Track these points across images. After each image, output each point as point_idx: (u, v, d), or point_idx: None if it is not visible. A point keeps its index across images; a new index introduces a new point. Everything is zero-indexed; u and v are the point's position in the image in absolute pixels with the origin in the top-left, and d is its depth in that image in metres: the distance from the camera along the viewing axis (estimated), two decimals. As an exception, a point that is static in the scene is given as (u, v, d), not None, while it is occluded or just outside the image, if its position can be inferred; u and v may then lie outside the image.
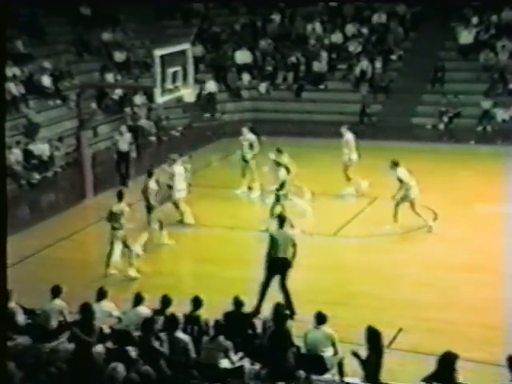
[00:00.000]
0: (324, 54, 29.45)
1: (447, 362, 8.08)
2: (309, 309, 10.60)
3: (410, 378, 9.54)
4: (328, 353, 9.61)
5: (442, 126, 26.30)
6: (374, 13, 30.32)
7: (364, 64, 28.61)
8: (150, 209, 15.70)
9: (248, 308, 10.39)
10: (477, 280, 13.83)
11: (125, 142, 21.22)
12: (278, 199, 16.67)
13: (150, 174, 16.00)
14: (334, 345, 9.64)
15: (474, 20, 28.59)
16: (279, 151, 17.68)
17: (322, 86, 29.07)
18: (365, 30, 29.92)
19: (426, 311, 12.63)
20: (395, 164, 16.55)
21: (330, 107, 27.98)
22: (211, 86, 28.69)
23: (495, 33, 28.15)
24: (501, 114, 25.84)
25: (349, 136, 19.50)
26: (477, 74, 27.60)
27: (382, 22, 30.07)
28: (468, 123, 26.15)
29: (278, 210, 16.29)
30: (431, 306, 12.87)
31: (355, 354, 8.99)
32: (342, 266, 14.83)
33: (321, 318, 9.77)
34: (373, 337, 8.98)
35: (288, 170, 17.01)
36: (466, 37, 28.25)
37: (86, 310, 10.00)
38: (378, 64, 28.56)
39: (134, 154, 22.60)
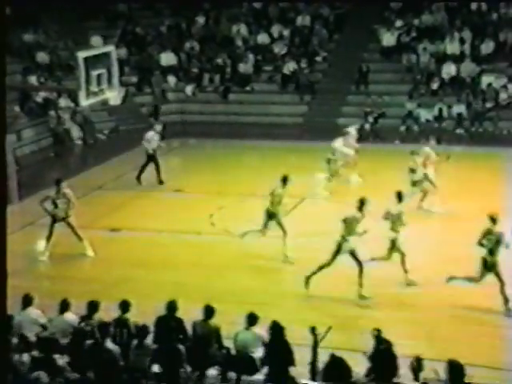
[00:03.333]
0: (250, 56, 29.56)
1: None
2: (240, 310, 10.60)
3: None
4: (258, 353, 9.63)
5: (367, 126, 26.70)
6: (298, 14, 30.59)
7: (289, 65, 28.83)
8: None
9: (181, 312, 10.32)
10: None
11: (154, 142, 20.54)
12: None
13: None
14: (264, 345, 9.66)
15: (398, 23, 29.17)
16: None
17: (248, 88, 29.17)
18: (289, 32, 30.16)
19: (356, 309, 12.78)
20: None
21: (256, 109, 28.12)
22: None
23: (416, 35, 28.77)
24: (424, 115, 26.41)
25: None
26: (400, 75, 28.17)
27: (306, 23, 30.36)
28: (393, 123, 26.64)
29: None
30: (361, 303, 13.03)
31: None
32: (273, 266, 14.89)
33: (252, 319, 9.78)
34: (276, 332, 9.11)
35: None
36: (388, 39, 28.79)
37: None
38: (303, 65, 28.81)
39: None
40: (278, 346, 9.19)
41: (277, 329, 9.26)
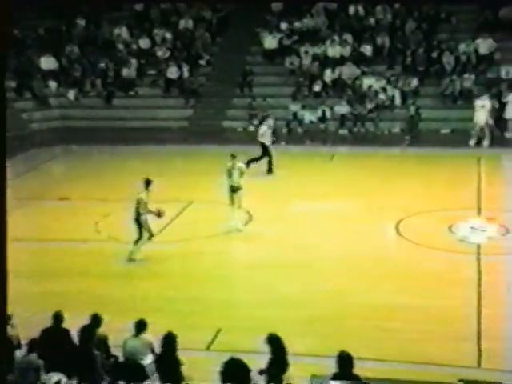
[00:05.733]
0: (133, 60, 29.22)
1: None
2: (129, 317, 10.42)
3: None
4: (147, 360, 9.50)
5: (252, 129, 26.90)
6: (180, 18, 30.50)
7: (173, 69, 28.69)
8: None
9: (67, 323, 10.02)
10: (292, 275, 14.22)
11: (268, 136, 21.52)
12: None
13: None
14: (153, 352, 9.54)
15: (279, 26, 29.54)
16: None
17: (131, 93, 28.84)
18: (172, 36, 30.02)
19: (244, 310, 12.83)
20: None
21: (140, 113, 27.84)
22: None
23: (298, 38, 29.21)
24: (308, 116, 26.85)
25: None
26: (283, 77, 28.54)
27: (188, 27, 30.30)
28: (278, 125, 26.91)
29: None
30: (249, 304, 13.09)
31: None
32: (161, 271, 14.73)
33: (140, 326, 9.64)
34: (168, 343, 9.07)
35: None
36: (270, 42, 29.11)
37: None
38: (187, 69, 28.74)
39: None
40: (169, 359, 9.08)
41: (169, 340, 9.11)
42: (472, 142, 24.28)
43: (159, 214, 15.23)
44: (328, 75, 27.93)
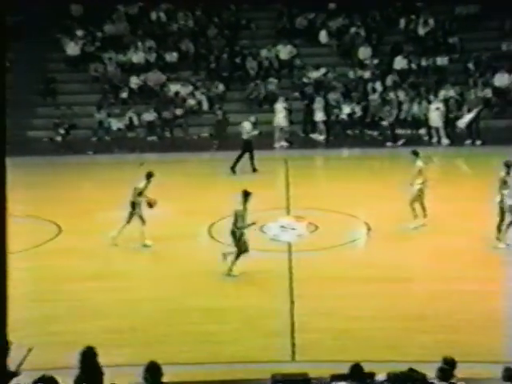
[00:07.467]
0: None
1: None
2: None
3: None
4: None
5: (58, 138, 26.16)
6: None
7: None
8: None
9: None
10: (104, 286, 14.00)
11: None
12: None
13: None
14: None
15: (80, 32, 28.87)
16: None
17: None
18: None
19: (58, 325, 12.44)
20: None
21: None
22: None
23: (101, 45, 28.72)
24: (115, 123, 26.45)
25: None
26: (88, 85, 27.95)
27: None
28: (84, 134, 26.38)
29: None
30: (63, 318, 12.72)
31: None
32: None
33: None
34: None
35: None
36: (72, 48, 28.40)
37: None
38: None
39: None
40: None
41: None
42: (277, 144, 25.03)
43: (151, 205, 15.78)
44: (134, 82, 27.71)
